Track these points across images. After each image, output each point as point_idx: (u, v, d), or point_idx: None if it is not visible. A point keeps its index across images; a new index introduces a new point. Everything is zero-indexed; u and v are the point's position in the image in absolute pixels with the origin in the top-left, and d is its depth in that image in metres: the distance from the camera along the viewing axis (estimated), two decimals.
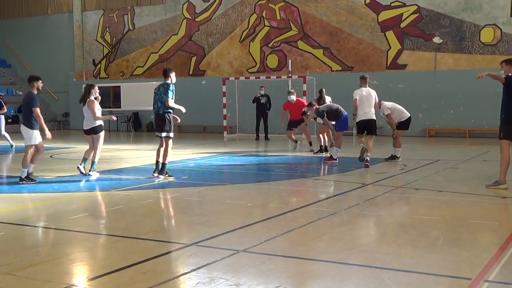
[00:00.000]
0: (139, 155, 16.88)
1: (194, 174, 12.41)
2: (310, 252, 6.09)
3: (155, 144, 21.55)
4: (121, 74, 30.45)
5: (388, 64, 24.01)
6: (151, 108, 11.85)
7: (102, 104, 12.81)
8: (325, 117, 14.31)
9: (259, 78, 24.63)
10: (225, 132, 24.69)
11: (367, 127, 13.49)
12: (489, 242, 6.60)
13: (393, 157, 14.28)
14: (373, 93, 13.84)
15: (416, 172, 12.43)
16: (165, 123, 11.43)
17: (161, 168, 11.56)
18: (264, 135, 22.02)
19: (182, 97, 28.37)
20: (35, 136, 11.03)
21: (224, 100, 24.64)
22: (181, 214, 8.22)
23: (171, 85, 11.36)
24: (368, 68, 24.35)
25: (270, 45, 26.29)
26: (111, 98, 31.26)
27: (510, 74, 9.80)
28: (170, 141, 11.59)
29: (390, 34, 23.89)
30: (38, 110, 10.85)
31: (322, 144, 16.20)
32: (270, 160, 15.04)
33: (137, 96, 29.50)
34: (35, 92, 11.09)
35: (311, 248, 6.25)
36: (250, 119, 23.89)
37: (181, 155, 16.59)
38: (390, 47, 23.94)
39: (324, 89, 16.79)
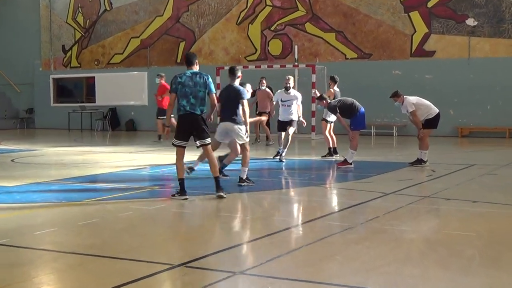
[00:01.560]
0: (117, 158, 16.86)
1: None
2: (320, 274, 6.07)
3: (136, 145, 21.61)
4: (96, 62, 30.45)
5: (413, 50, 24.01)
6: (131, 103, 11.73)
7: (73, 98, 12.95)
8: (338, 114, 14.29)
9: (259, 67, 24.65)
10: None
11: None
12: None
13: (419, 161, 14.25)
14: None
15: (446, 179, 12.39)
16: (204, 127, 10.18)
17: (217, 185, 10.22)
18: (265, 134, 21.99)
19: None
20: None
21: (218, 93, 24.61)
22: (167, 229, 8.21)
23: (208, 75, 10.30)
24: (389, 56, 24.36)
25: (272, 28, 26.29)
26: (84, 91, 31.30)
27: None
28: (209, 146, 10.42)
29: (415, 15, 23.90)
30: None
31: (331, 145, 16.18)
32: (272, 165, 15.02)
33: (115, 89, 29.55)
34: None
35: (322, 269, 6.23)
36: (250, 116, 23.83)
37: (167, 158, 16.57)
38: (415, 31, 23.94)
39: (336, 77, 16.96)
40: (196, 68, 10.30)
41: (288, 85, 16.08)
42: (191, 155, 12.64)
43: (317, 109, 15.63)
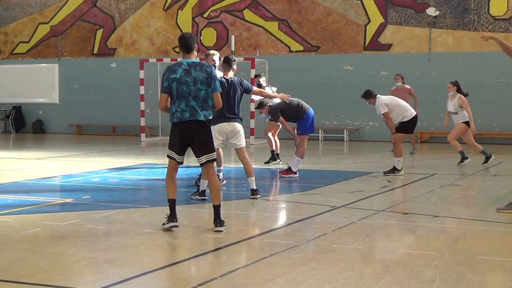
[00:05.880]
0: (21, 165, 16.62)
1: (99, 193, 12.28)
2: None
3: (45, 150, 21.30)
4: None
5: (367, 43, 24.29)
6: (39, 100, 11.51)
7: None
8: (280, 117, 14.31)
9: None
10: (142, 135, 24.54)
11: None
12: (501, 285, 6.73)
13: (393, 170, 14.36)
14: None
15: (403, 191, 12.56)
16: (208, 137, 9.00)
17: (216, 215, 8.94)
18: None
19: (84, 85, 28.13)
20: None
21: (142, 90, 24.51)
22: (80, 248, 8.12)
23: (213, 67, 9.20)
24: (339, 49, 24.59)
25: (205, 15, 26.28)
26: None
27: None
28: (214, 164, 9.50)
29: (370, 3, 24.19)
30: None
31: (274, 149, 16.25)
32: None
33: (20, 84, 29.07)
34: None
35: None
36: None
37: (82, 165, 16.40)
38: (370, 21, 24.24)
39: (263, 75, 16.85)
40: (195, 56, 8.93)
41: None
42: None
43: (261, 118, 15.56)
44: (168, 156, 9.09)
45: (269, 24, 25.40)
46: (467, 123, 16.36)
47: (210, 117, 9.01)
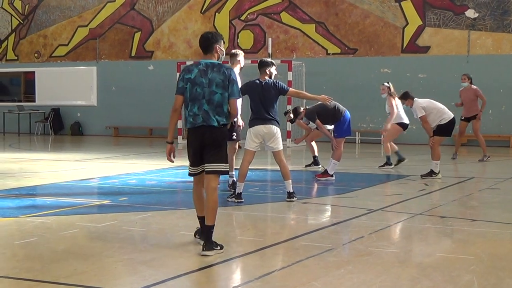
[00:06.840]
0: (59, 167, 16.75)
1: (136, 195, 12.34)
2: None
3: (83, 152, 21.49)
4: (36, 55, 30.24)
5: (405, 46, 24.17)
6: (78, 102, 11.56)
7: (9, 96, 12.75)
8: (317, 120, 14.29)
9: (227, 62, 24.59)
10: (179, 137, 24.62)
11: None
12: None
13: (430, 173, 14.31)
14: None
15: (441, 194, 12.46)
16: (221, 145, 8.06)
17: (206, 237, 7.91)
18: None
19: (121, 87, 28.32)
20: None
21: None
22: (117, 250, 8.18)
23: (233, 70, 8.30)
24: (377, 51, 24.50)
25: (243, 17, 26.32)
26: (21, 89, 31.07)
27: None
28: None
29: (408, 5, 24.09)
30: None
31: (316, 154, 16.25)
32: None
33: (59, 86, 29.36)
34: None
35: None
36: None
37: (119, 167, 16.50)
38: (408, 23, 24.12)
39: (290, 110, 16.29)
40: (215, 57, 8.25)
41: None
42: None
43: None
44: (190, 174, 8.27)
45: (306, 27, 25.39)
46: (400, 124, 16.20)
47: (226, 124, 8.02)
